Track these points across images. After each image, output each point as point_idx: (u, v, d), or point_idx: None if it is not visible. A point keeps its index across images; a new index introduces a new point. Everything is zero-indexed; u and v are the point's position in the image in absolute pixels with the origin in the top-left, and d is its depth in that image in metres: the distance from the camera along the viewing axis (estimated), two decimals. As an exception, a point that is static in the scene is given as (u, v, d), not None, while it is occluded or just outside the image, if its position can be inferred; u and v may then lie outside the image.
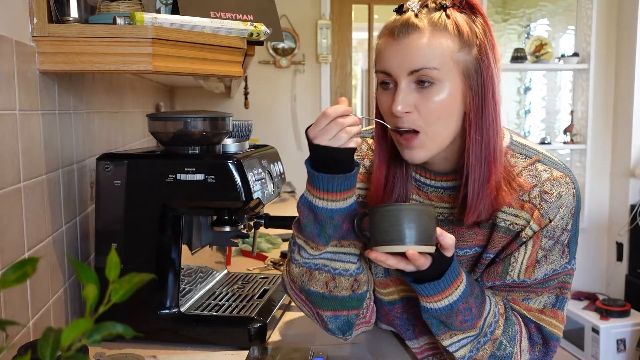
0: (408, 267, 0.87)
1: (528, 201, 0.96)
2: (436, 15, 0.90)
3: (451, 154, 0.98)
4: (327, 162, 0.91)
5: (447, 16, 0.91)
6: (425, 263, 0.87)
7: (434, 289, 0.91)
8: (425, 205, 0.91)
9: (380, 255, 0.87)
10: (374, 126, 1.10)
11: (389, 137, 0.99)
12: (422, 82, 0.90)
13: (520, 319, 1.00)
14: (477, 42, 0.92)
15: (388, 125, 0.96)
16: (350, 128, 0.88)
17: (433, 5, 0.91)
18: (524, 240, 0.97)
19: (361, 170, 1.08)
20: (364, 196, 1.08)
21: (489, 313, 0.97)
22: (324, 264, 1.01)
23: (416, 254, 0.85)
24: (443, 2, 0.91)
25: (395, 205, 0.88)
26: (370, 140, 1.11)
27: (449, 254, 0.89)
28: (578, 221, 0.99)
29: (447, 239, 0.88)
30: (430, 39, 0.89)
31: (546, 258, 0.97)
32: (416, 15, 0.90)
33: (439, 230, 0.88)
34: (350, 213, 0.95)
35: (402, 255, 0.87)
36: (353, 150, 0.91)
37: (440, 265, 0.90)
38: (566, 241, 0.97)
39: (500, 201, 0.94)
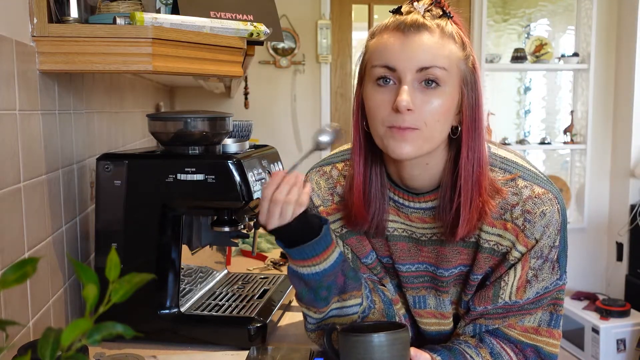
0: None
1: (511, 221, 0.94)
2: (442, 21, 0.90)
3: (436, 167, 0.96)
4: (292, 236, 0.94)
5: (452, 24, 0.91)
6: None
7: None
8: (398, 332, 0.87)
9: None
10: (343, 148, 1.09)
11: (365, 145, 0.97)
12: (429, 83, 0.88)
13: (512, 353, 1.00)
14: (472, 56, 0.93)
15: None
16: (290, 197, 0.90)
17: (435, 12, 0.91)
18: (512, 262, 0.95)
19: (336, 199, 1.05)
20: (345, 225, 1.05)
21: None
22: (333, 322, 1.03)
23: None
24: (447, 11, 0.91)
25: (365, 336, 0.85)
26: (340, 165, 1.07)
27: None
28: (566, 234, 0.97)
29: (422, 358, 0.91)
30: (440, 40, 0.89)
31: (536, 277, 0.95)
32: (423, 17, 0.90)
33: (413, 351, 0.91)
34: (338, 268, 0.97)
35: None
36: (308, 214, 0.94)
37: None
38: (555, 257, 0.96)
39: (487, 212, 0.93)
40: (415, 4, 0.92)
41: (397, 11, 0.93)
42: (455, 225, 0.93)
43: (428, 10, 0.91)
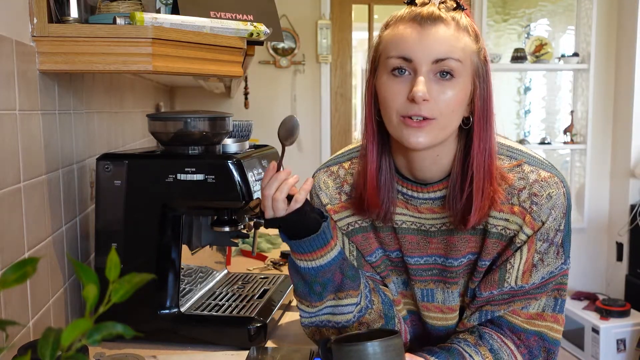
0: None
1: (518, 204, 0.95)
2: (457, 14, 0.92)
3: (446, 158, 0.97)
4: (292, 228, 0.96)
5: (466, 17, 0.93)
6: None
7: None
8: (391, 339, 0.86)
9: None
10: (349, 147, 1.09)
11: (378, 135, 0.97)
12: (444, 74, 0.89)
13: (513, 346, 1.00)
14: (484, 48, 0.94)
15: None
16: (277, 194, 0.93)
17: (449, 4, 0.92)
18: (519, 245, 0.96)
19: (343, 197, 1.06)
20: (353, 222, 1.05)
21: None
22: (327, 319, 1.04)
23: None
24: (461, 3, 0.93)
25: (358, 344, 0.84)
26: (347, 164, 1.07)
27: None
28: (570, 219, 0.98)
29: None
30: (456, 33, 0.90)
31: (542, 261, 0.96)
32: (439, 9, 0.91)
33: (408, 357, 0.90)
34: (335, 266, 0.99)
35: None
36: (308, 209, 0.96)
37: None
38: (560, 241, 0.97)
39: (497, 200, 0.94)
40: None
41: (411, 2, 0.94)
42: (467, 213, 0.94)
43: (443, 2, 0.92)
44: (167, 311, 1.19)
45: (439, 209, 1.00)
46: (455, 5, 0.92)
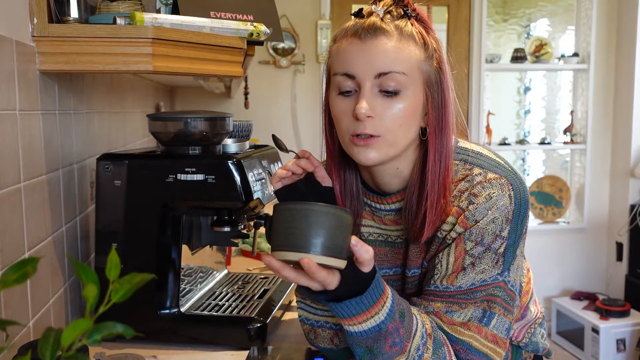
0: (313, 285, 0.76)
1: (456, 205, 0.91)
2: (402, 22, 0.89)
3: (407, 170, 0.95)
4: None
5: (412, 25, 0.90)
6: (330, 280, 0.76)
7: (356, 307, 0.80)
8: (340, 210, 0.75)
9: (275, 263, 0.75)
10: (322, 160, 1.07)
11: (338, 150, 0.97)
12: (388, 92, 0.88)
13: (446, 339, 0.90)
14: (437, 55, 0.91)
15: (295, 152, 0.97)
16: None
17: (396, 13, 0.90)
18: (448, 242, 0.92)
19: None
20: None
21: (415, 334, 0.86)
22: (325, 320, 1.00)
23: (313, 265, 0.72)
24: (407, 11, 0.91)
25: (297, 203, 0.73)
26: None
27: (366, 269, 0.79)
28: (520, 228, 0.91)
29: (363, 251, 0.77)
30: (398, 43, 0.88)
31: (474, 266, 0.89)
32: (381, 20, 0.89)
33: (354, 240, 0.76)
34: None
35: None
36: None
37: (358, 283, 0.79)
38: (501, 249, 0.89)
39: (448, 210, 0.91)
40: (373, 6, 0.92)
41: (358, 14, 0.93)
42: (421, 227, 0.92)
43: (388, 12, 0.90)
44: (167, 311, 1.19)
45: (401, 221, 0.98)
46: (402, 13, 0.90)
